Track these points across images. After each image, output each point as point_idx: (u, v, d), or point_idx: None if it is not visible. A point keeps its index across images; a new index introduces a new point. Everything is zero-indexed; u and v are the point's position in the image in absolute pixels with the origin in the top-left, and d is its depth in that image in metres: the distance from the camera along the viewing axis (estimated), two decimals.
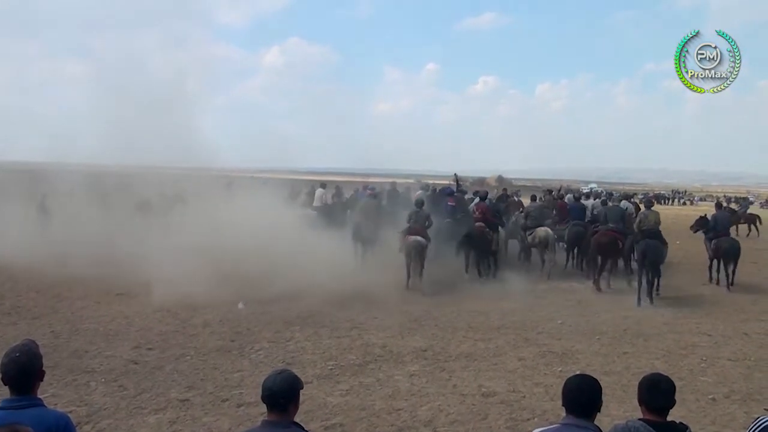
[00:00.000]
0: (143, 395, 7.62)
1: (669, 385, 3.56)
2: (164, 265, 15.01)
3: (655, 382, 3.58)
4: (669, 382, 3.57)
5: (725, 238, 16.55)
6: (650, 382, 3.59)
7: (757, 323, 12.40)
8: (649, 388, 3.56)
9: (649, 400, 3.54)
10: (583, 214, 18.78)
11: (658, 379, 3.60)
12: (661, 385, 3.55)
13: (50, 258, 16.03)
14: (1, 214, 20.32)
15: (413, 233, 15.51)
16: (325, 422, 6.94)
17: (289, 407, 3.35)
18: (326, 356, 9.40)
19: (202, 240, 17.29)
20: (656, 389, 3.54)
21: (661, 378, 3.62)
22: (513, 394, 8.03)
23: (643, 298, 13.96)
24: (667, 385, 3.55)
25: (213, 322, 11.16)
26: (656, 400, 3.53)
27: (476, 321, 11.85)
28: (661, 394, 3.52)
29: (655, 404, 3.52)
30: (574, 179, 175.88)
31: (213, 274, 13.81)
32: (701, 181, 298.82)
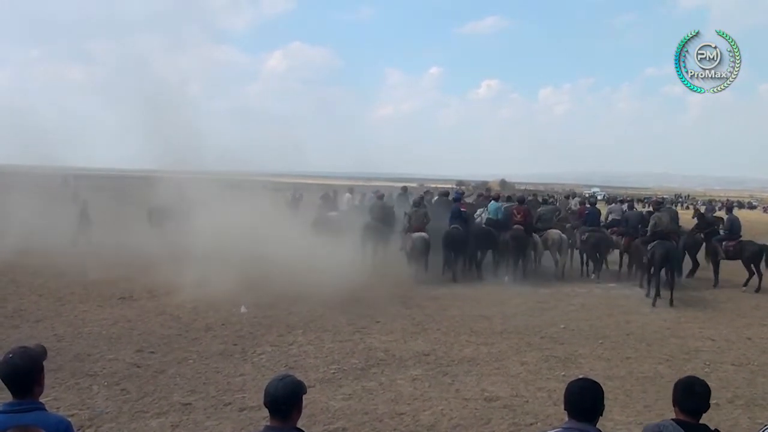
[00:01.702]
0: (145, 399, 7.61)
1: (704, 389, 3.60)
2: (170, 269, 15.06)
3: (690, 385, 3.62)
4: (704, 386, 3.61)
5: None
6: (685, 384, 3.64)
7: (760, 328, 12.38)
8: (684, 391, 3.61)
9: (682, 402, 3.59)
10: (598, 219, 18.73)
11: (693, 382, 3.64)
12: (695, 388, 3.59)
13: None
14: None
15: (415, 230, 16.36)
16: (327, 426, 6.93)
17: (291, 413, 3.33)
18: (329, 360, 9.39)
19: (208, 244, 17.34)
20: (691, 392, 3.59)
21: (696, 381, 3.66)
22: (516, 398, 8.01)
23: (647, 294, 14.17)
24: (701, 389, 3.60)
25: (215, 326, 11.14)
26: (690, 402, 3.57)
27: (479, 325, 11.83)
28: (696, 396, 3.57)
29: (689, 407, 3.56)
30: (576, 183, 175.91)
31: (218, 277, 13.83)
32: (703, 186, 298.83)
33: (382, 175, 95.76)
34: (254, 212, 19.33)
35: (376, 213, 18.01)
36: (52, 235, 19.83)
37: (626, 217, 18.37)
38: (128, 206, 23.78)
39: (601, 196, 65.98)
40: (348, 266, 16.58)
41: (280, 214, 21.57)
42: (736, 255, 17.07)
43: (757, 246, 16.96)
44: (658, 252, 14.42)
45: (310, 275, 14.18)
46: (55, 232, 20.07)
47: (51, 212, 22.58)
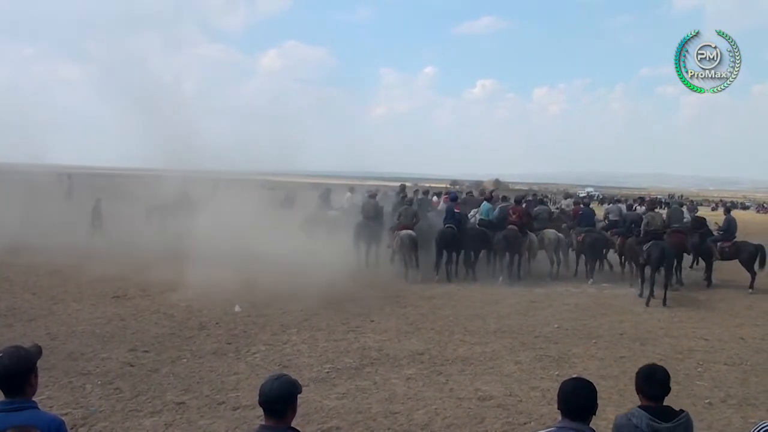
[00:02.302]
0: (139, 398, 7.60)
1: (664, 375, 3.78)
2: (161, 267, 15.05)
3: (651, 373, 3.81)
4: (664, 372, 3.80)
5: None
6: (647, 372, 3.82)
7: (752, 328, 12.42)
8: (645, 378, 3.80)
9: (646, 389, 3.78)
10: (593, 219, 18.74)
11: (654, 370, 3.83)
12: (656, 375, 3.79)
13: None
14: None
15: (402, 228, 16.58)
16: (321, 425, 6.93)
17: (286, 413, 3.33)
18: (323, 359, 9.39)
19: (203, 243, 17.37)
20: (652, 379, 3.78)
21: (657, 368, 3.85)
22: (509, 398, 8.02)
23: (641, 294, 14.32)
24: (662, 375, 3.78)
25: (209, 325, 11.13)
26: (652, 388, 3.76)
27: (473, 325, 11.84)
28: (657, 383, 3.76)
29: (652, 393, 3.76)
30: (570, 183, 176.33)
31: (212, 276, 13.83)
32: (697, 186, 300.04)
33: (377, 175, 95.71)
34: (249, 211, 19.34)
35: (368, 211, 18.06)
36: (46, 232, 19.79)
37: (624, 218, 18.40)
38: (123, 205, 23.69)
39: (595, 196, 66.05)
40: (343, 265, 16.63)
41: (275, 212, 21.56)
42: (731, 256, 17.13)
43: (752, 246, 17.04)
44: (654, 253, 14.46)
45: (304, 274, 14.18)
46: (49, 230, 20.03)
47: (45, 210, 22.58)
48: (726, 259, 17.30)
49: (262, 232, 17.61)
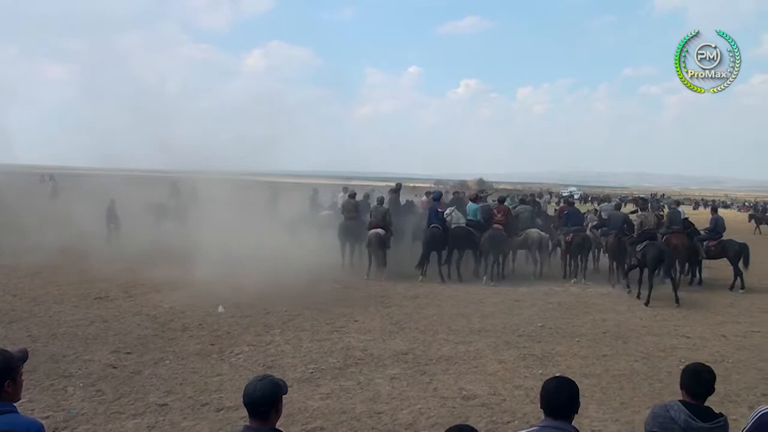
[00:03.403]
0: (121, 400, 7.54)
1: (710, 375, 3.80)
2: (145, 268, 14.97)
3: (698, 372, 3.81)
4: (710, 372, 3.81)
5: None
6: (693, 371, 3.83)
7: (734, 325, 12.53)
8: (691, 376, 3.81)
9: (689, 387, 3.79)
10: (580, 219, 18.75)
11: (701, 369, 3.83)
12: (703, 374, 3.79)
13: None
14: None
15: (372, 227, 16.75)
16: (305, 426, 6.91)
17: (270, 414, 3.32)
18: (306, 360, 9.36)
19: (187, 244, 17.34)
20: (698, 377, 3.79)
21: (704, 368, 3.84)
22: (493, 396, 8.04)
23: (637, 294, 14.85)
24: (708, 375, 3.79)
25: (192, 326, 11.07)
26: (697, 387, 3.77)
27: (457, 324, 11.86)
28: (703, 382, 3.77)
29: (695, 391, 3.77)
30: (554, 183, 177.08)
31: (194, 277, 13.79)
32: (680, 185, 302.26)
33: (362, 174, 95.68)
34: (234, 211, 19.29)
35: (349, 211, 18.08)
36: (26, 234, 19.64)
37: (610, 217, 18.47)
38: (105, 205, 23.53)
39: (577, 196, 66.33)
40: (328, 265, 16.66)
41: (260, 213, 21.50)
42: (718, 254, 17.31)
43: (737, 245, 17.20)
44: (650, 253, 14.53)
45: (288, 274, 14.17)
46: (30, 231, 19.88)
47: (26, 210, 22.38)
48: (712, 258, 17.46)
49: (248, 232, 17.58)
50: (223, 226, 17.56)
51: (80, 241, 18.71)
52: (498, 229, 16.72)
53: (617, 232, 16.85)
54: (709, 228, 17.86)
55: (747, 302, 15.03)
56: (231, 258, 15.12)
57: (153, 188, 25.80)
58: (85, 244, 18.40)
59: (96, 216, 21.42)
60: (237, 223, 18.02)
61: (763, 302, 15.10)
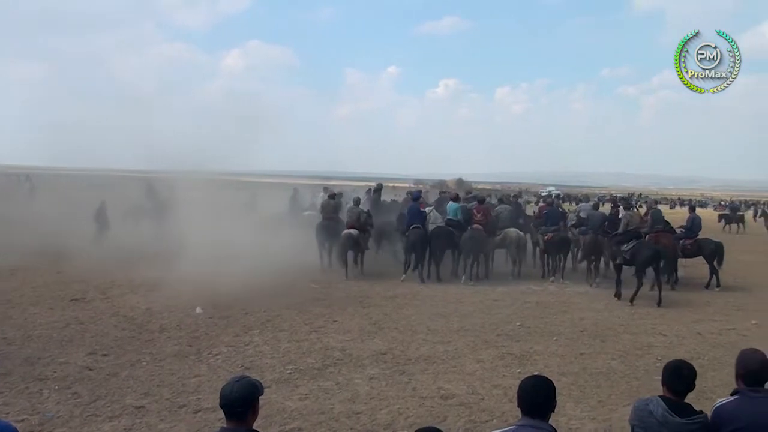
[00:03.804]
0: (98, 402, 7.47)
1: (690, 372, 3.85)
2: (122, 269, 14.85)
3: (678, 368, 3.86)
4: (691, 369, 3.87)
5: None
6: (674, 367, 3.88)
7: (710, 323, 12.66)
8: (671, 373, 3.86)
9: (671, 384, 3.83)
10: (559, 218, 18.79)
11: (681, 366, 3.89)
12: (683, 371, 3.84)
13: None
14: None
15: (348, 227, 16.91)
16: (283, 427, 6.89)
17: (247, 415, 3.32)
18: (285, 360, 9.34)
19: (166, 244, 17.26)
20: (678, 374, 3.84)
21: (684, 365, 3.90)
22: (472, 396, 8.06)
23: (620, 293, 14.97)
24: (688, 372, 3.84)
25: (170, 327, 11.00)
26: (677, 383, 3.82)
27: (436, 324, 11.87)
28: (683, 378, 3.82)
29: (675, 387, 3.81)
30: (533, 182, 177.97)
31: (172, 278, 13.70)
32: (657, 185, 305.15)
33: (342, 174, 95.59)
34: (212, 212, 19.19)
35: (328, 212, 18.07)
36: (2, 235, 19.41)
37: (589, 217, 18.55)
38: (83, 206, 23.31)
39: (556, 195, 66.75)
40: (307, 265, 16.63)
41: (240, 213, 21.43)
42: (694, 253, 17.49)
43: (713, 243, 17.39)
44: (644, 253, 14.62)
45: (268, 275, 14.12)
46: (5, 232, 19.65)
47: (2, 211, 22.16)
48: (688, 257, 17.63)
49: (227, 232, 17.51)
50: (201, 226, 17.45)
51: (57, 242, 18.53)
52: (478, 229, 16.76)
53: (596, 231, 16.91)
54: (686, 227, 18.02)
55: (722, 300, 15.19)
56: (209, 258, 15.03)
57: (130, 188, 25.61)
58: (62, 244, 18.22)
59: (73, 216, 21.25)
60: (215, 224, 17.93)
61: (738, 300, 15.30)
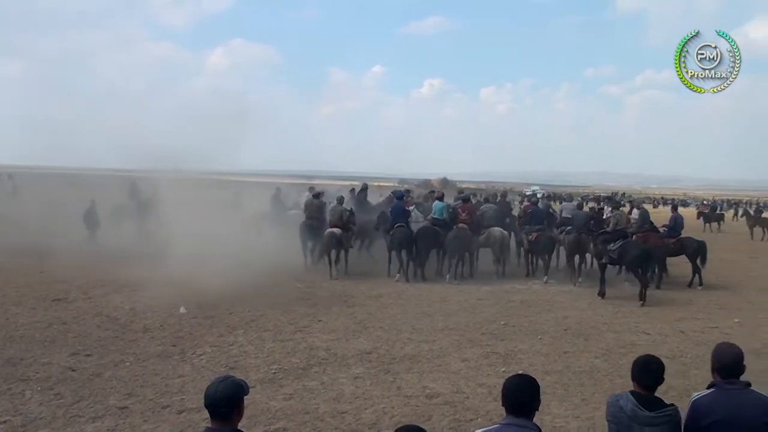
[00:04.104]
0: (81, 403, 7.42)
1: (658, 366, 3.90)
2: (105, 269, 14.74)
3: (646, 363, 3.91)
4: (659, 363, 3.92)
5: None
6: (642, 362, 3.93)
7: (693, 322, 12.75)
8: (640, 368, 3.91)
9: (640, 378, 3.89)
10: (542, 218, 18.82)
11: (649, 361, 3.93)
12: (651, 366, 3.89)
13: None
14: None
15: (331, 226, 16.91)
16: (268, 427, 6.87)
17: (232, 415, 3.30)
18: (269, 360, 9.32)
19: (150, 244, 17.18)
20: (646, 368, 3.89)
21: (652, 359, 3.94)
22: (457, 395, 8.08)
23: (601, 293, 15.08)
24: (656, 366, 3.89)
25: (153, 327, 10.95)
26: (645, 378, 3.88)
27: (420, 323, 11.89)
28: (651, 373, 3.87)
29: (645, 382, 3.87)
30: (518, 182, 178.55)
31: (156, 277, 13.64)
32: (640, 184, 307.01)
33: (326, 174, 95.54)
34: (196, 211, 19.10)
35: (312, 211, 18.03)
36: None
37: (573, 216, 18.64)
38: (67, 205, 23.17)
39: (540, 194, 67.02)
40: (292, 265, 16.60)
41: (223, 212, 21.36)
42: (677, 252, 17.61)
43: (696, 242, 17.53)
44: (633, 252, 14.68)
45: (252, 274, 14.10)
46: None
47: None
48: (671, 255, 17.73)
49: (210, 232, 17.43)
50: (185, 225, 17.37)
51: (40, 242, 18.40)
52: (463, 228, 16.79)
53: (579, 230, 16.97)
54: (669, 226, 18.16)
55: (705, 299, 15.31)
56: (193, 258, 14.97)
57: (113, 188, 25.43)
58: (45, 244, 18.10)
59: (57, 216, 21.11)
60: (199, 223, 17.84)
61: (720, 299, 15.42)
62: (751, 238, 34.46)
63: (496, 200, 22.71)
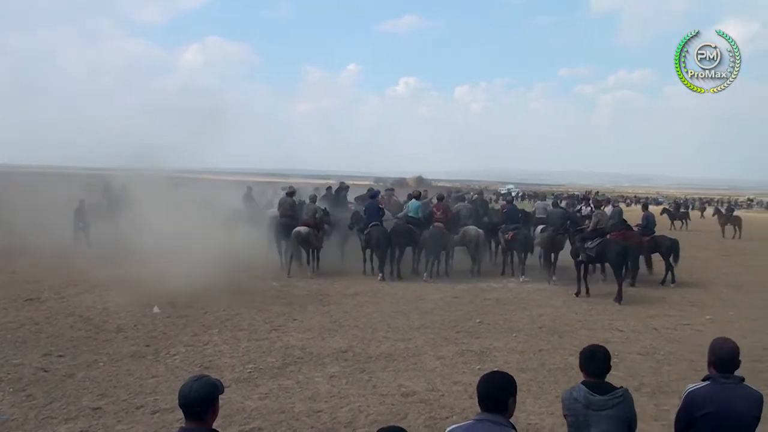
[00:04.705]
0: (53, 404, 7.34)
1: (604, 355, 4.07)
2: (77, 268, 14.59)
3: (592, 352, 4.08)
4: (604, 352, 4.08)
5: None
6: (588, 352, 4.11)
7: (665, 318, 12.89)
8: (586, 357, 4.09)
9: (588, 368, 4.07)
10: (518, 217, 18.88)
11: (594, 350, 4.10)
12: (597, 355, 4.06)
13: None
14: None
15: (303, 224, 16.87)
16: (243, 427, 6.84)
17: (206, 414, 3.30)
18: (245, 359, 9.28)
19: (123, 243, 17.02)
20: (592, 357, 4.07)
21: (598, 348, 4.12)
22: (432, 392, 8.10)
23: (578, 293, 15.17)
24: (602, 355, 4.06)
25: (127, 327, 10.85)
26: (592, 366, 4.05)
27: (396, 321, 11.91)
28: (596, 361, 4.05)
29: (591, 370, 4.05)
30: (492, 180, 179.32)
31: (129, 276, 13.52)
32: (613, 183, 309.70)
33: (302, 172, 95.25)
34: (169, 210, 18.96)
35: (285, 209, 17.97)
36: None
37: (548, 214, 18.75)
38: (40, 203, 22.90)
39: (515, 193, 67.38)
40: (267, 264, 16.53)
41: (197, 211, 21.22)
42: (651, 250, 17.81)
43: (669, 240, 17.75)
44: (613, 250, 14.75)
45: (226, 273, 14.03)
46: None
47: None
48: (644, 254, 17.90)
49: (184, 231, 17.31)
50: (157, 224, 17.24)
51: (11, 241, 18.18)
52: (438, 227, 16.84)
53: (556, 229, 17.08)
54: (642, 224, 18.35)
55: (677, 296, 15.49)
56: (167, 257, 14.86)
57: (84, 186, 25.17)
58: (17, 243, 17.89)
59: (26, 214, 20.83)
60: (172, 222, 17.70)
61: (692, 296, 15.61)
62: (723, 236, 34.90)
63: (473, 199, 22.76)
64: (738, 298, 15.62)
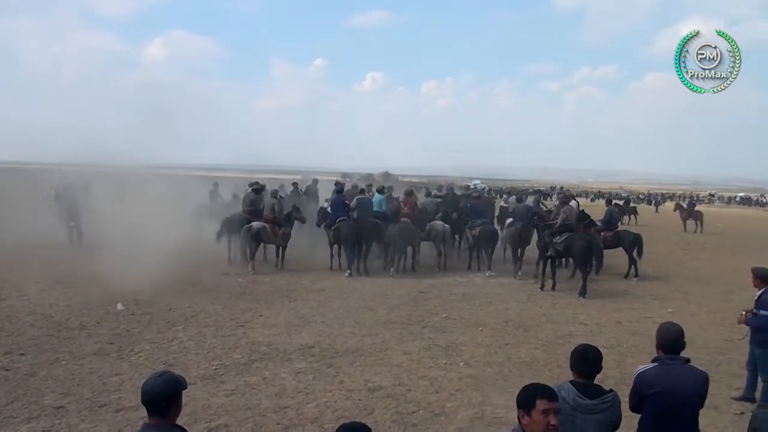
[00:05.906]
0: (15, 404, 7.23)
1: (595, 355, 4.08)
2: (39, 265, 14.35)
3: (584, 352, 4.09)
4: (596, 352, 4.10)
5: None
6: (580, 351, 4.11)
7: (629, 312, 13.07)
8: (578, 357, 4.09)
9: (579, 368, 4.07)
10: (487, 212, 18.96)
11: (587, 350, 4.11)
12: (589, 355, 4.07)
13: None
14: None
15: (264, 221, 16.89)
16: (209, 424, 6.80)
17: (170, 410, 3.29)
18: (210, 356, 9.22)
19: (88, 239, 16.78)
20: (584, 357, 4.07)
21: (590, 349, 4.13)
22: (399, 387, 8.12)
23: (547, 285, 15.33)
24: (593, 355, 4.07)
25: (90, 325, 10.71)
26: (584, 367, 4.06)
27: (363, 317, 11.92)
28: (589, 362, 4.06)
29: (584, 371, 4.05)
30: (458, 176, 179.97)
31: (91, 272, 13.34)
32: (578, 178, 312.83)
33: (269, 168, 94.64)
34: (133, 205, 18.74)
35: (246, 205, 17.87)
36: None
37: (514, 210, 18.89)
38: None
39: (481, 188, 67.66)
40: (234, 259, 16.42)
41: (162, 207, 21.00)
42: (614, 244, 18.02)
43: (632, 235, 18.00)
44: (579, 245, 14.84)
45: (191, 268, 13.92)
46: None
47: None
48: (608, 248, 18.09)
49: (149, 227, 17.12)
50: (122, 220, 17.03)
51: None
52: (406, 222, 16.87)
53: (525, 224, 17.17)
54: (605, 219, 18.57)
55: (640, 290, 15.71)
56: (130, 253, 14.68)
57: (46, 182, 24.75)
58: None
59: None
60: (137, 218, 17.50)
61: (655, 289, 15.85)
62: (684, 231, 35.39)
63: (443, 194, 22.85)
64: (699, 291, 15.91)
